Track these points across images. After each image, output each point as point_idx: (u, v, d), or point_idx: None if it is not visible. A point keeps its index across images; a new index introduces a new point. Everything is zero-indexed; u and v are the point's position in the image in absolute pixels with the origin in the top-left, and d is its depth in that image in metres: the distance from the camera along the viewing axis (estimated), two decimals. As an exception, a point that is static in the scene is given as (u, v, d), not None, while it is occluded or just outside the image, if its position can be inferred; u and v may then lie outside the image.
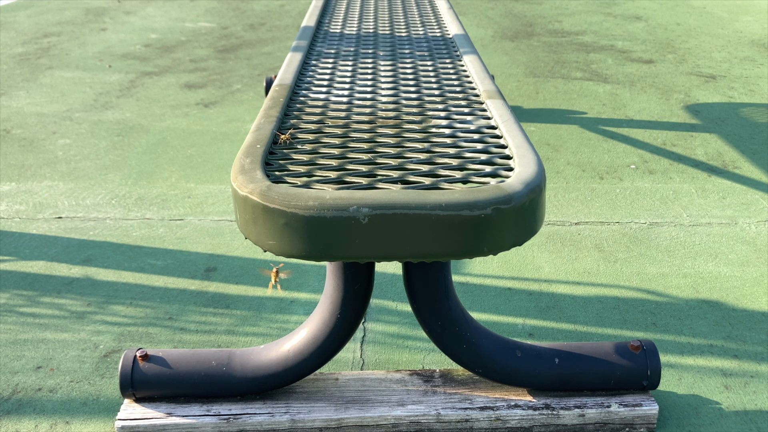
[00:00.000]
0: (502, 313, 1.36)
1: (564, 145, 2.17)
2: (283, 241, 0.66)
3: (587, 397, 1.06)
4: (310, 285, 1.45)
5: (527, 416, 1.03)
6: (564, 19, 3.78)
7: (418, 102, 0.95)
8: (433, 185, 0.69)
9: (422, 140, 0.81)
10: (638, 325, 1.33)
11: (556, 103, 2.53)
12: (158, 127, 2.32)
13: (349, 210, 0.64)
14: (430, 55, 1.19)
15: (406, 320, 1.34)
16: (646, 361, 1.05)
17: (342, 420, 1.03)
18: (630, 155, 2.10)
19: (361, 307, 1.00)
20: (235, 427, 1.02)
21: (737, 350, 1.27)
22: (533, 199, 0.69)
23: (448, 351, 1.04)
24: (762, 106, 2.53)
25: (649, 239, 1.63)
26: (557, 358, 1.06)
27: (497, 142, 0.81)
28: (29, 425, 1.09)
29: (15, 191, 1.86)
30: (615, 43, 3.32)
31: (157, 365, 1.03)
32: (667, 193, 1.86)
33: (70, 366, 1.21)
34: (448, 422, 1.04)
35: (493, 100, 0.95)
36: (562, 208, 1.77)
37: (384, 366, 1.21)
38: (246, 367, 1.04)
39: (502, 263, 1.53)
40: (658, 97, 2.61)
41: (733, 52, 3.17)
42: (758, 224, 1.70)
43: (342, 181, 0.70)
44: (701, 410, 1.12)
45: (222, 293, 1.42)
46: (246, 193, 0.67)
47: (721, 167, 2.03)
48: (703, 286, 1.45)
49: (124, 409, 1.04)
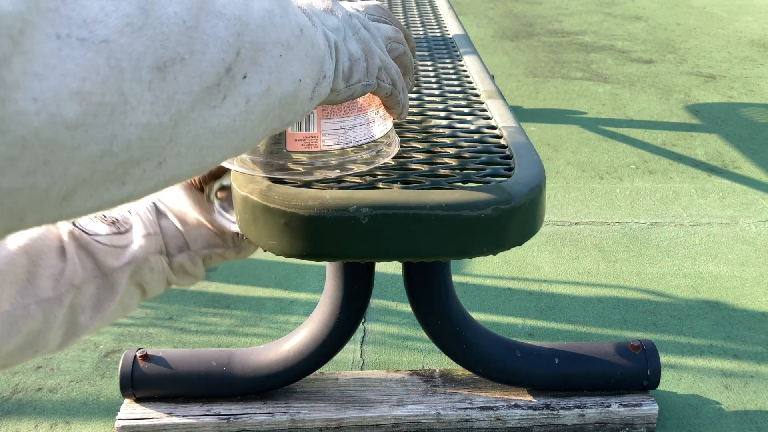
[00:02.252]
0: (502, 313, 1.36)
1: (564, 145, 2.17)
2: (283, 241, 0.66)
3: (587, 397, 1.06)
4: (310, 285, 1.45)
5: (527, 416, 1.04)
6: (564, 19, 3.78)
7: (418, 102, 0.95)
8: (433, 185, 0.69)
9: (422, 140, 0.81)
10: (638, 325, 1.33)
11: (556, 103, 2.53)
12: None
13: (349, 210, 0.64)
14: (430, 55, 1.19)
15: (406, 320, 1.34)
16: (646, 361, 1.05)
17: (342, 420, 1.03)
18: (630, 155, 2.10)
19: (361, 307, 1.00)
20: (235, 427, 1.02)
21: (737, 350, 1.27)
22: (533, 199, 0.69)
23: (448, 351, 1.04)
24: (762, 106, 2.53)
25: (649, 239, 1.63)
26: (557, 358, 1.06)
27: (497, 142, 0.81)
28: (29, 425, 1.09)
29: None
30: (615, 43, 3.32)
31: (157, 365, 1.03)
32: (667, 193, 1.86)
33: (70, 366, 1.21)
34: (448, 422, 1.04)
35: (493, 100, 0.95)
36: (562, 208, 1.77)
37: (384, 366, 1.21)
38: (246, 367, 1.04)
39: (502, 263, 1.53)
40: (658, 97, 2.61)
41: (733, 52, 3.18)
42: (758, 224, 1.71)
43: (342, 181, 0.70)
44: (701, 410, 1.13)
45: (222, 293, 1.42)
46: (246, 193, 0.67)
47: (721, 167, 2.03)
48: (703, 286, 1.45)
49: (124, 409, 1.04)
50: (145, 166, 0.36)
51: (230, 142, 0.42)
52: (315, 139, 0.64)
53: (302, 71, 0.47)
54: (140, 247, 0.70)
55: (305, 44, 0.47)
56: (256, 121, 0.43)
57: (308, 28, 0.49)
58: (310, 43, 0.49)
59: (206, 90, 0.38)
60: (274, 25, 0.43)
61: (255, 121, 0.43)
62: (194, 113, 0.37)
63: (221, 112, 0.40)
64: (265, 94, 0.43)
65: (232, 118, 0.41)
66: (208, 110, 0.38)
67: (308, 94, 0.50)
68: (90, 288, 0.66)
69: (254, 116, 0.43)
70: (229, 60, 0.39)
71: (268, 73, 0.43)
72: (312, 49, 0.49)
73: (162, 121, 0.35)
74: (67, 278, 0.64)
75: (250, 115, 0.42)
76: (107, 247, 0.68)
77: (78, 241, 0.67)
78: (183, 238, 0.74)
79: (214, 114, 0.39)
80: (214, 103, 0.39)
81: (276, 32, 0.43)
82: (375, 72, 0.59)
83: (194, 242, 0.75)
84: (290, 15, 0.46)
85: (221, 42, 0.38)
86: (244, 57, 0.40)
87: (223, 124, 0.40)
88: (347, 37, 0.56)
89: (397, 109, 0.65)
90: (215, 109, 0.39)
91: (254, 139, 0.45)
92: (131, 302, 0.72)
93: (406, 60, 0.66)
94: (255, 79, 0.42)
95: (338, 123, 0.64)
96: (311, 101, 0.51)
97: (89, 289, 0.66)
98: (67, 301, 0.64)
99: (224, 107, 0.40)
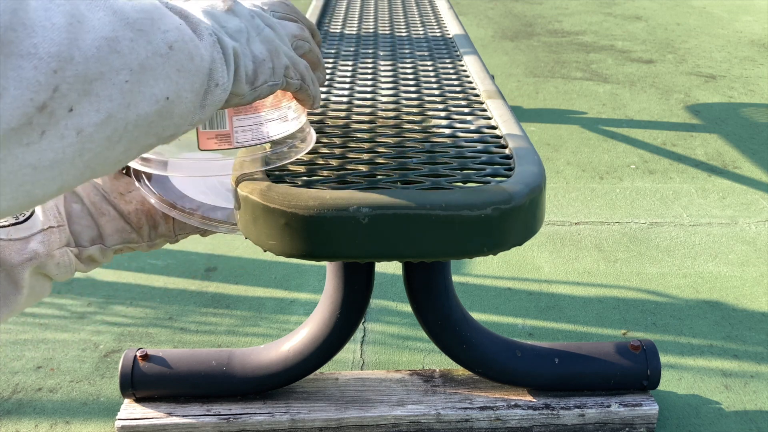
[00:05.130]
0: (502, 313, 1.36)
1: (564, 145, 2.17)
2: (283, 241, 0.66)
3: (587, 397, 1.06)
4: (310, 285, 1.45)
5: (527, 416, 1.03)
6: (564, 19, 3.78)
7: (418, 102, 0.95)
8: (433, 185, 0.69)
9: (422, 140, 0.81)
10: (638, 325, 1.33)
11: (556, 103, 2.53)
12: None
13: (349, 210, 0.64)
14: (430, 55, 1.19)
15: (406, 320, 1.34)
16: (646, 361, 1.05)
17: (342, 420, 1.03)
18: (630, 155, 2.10)
19: (361, 307, 1.00)
20: (235, 426, 1.02)
21: (737, 350, 1.27)
22: (533, 199, 0.69)
23: (448, 351, 1.04)
24: (762, 106, 2.53)
25: (649, 239, 1.63)
26: (557, 358, 1.06)
27: (497, 142, 0.81)
28: (29, 425, 1.09)
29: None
30: (615, 43, 3.32)
31: (157, 365, 1.03)
32: (667, 193, 1.86)
33: (70, 366, 1.21)
34: (448, 422, 1.04)
35: (493, 100, 0.95)
36: (562, 208, 1.77)
37: (384, 366, 1.21)
38: (246, 367, 1.04)
39: (502, 263, 1.53)
40: (658, 97, 2.61)
41: (733, 52, 3.18)
42: (758, 224, 1.71)
43: (342, 181, 0.70)
44: (701, 410, 1.12)
45: (222, 293, 1.42)
46: (246, 193, 0.67)
47: (721, 167, 2.03)
48: (703, 286, 1.45)
49: (124, 409, 1.04)
50: None
51: (65, 172, 0.41)
52: (228, 136, 0.64)
53: (171, 88, 0.46)
54: (42, 243, 0.68)
55: (176, 60, 0.46)
56: (102, 148, 0.43)
57: (182, 42, 0.47)
58: (186, 56, 0.47)
59: (12, 131, 0.37)
60: (117, 52, 0.42)
61: (98, 149, 0.42)
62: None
63: (41, 147, 0.39)
64: (106, 121, 0.42)
65: (58, 151, 0.40)
66: (19, 148, 0.38)
67: (189, 107, 0.49)
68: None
69: (94, 144, 0.42)
70: (41, 98, 0.38)
71: (109, 100, 0.42)
72: (189, 63, 0.48)
73: None
74: None
75: (88, 144, 0.42)
76: (4, 241, 0.66)
77: None
78: (97, 231, 0.73)
79: (29, 150, 0.39)
80: (27, 140, 0.38)
81: (120, 59, 0.42)
82: (281, 71, 0.59)
83: (109, 237, 0.73)
84: (150, 35, 0.45)
85: (27, 83, 0.37)
86: (67, 91, 0.39)
87: (46, 158, 0.40)
88: (251, 38, 0.56)
89: (308, 101, 0.67)
90: (30, 146, 0.38)
91: (109, 162, 0.45)
92: (42, 290, 0.70)
93: (312, 56, 0.67)
94: (88, 109, 0.41)
95: (250, 119, 0.65)
96: (202, 110, 0.51)
97: None
98: None
99: (44, 142, 0.39)
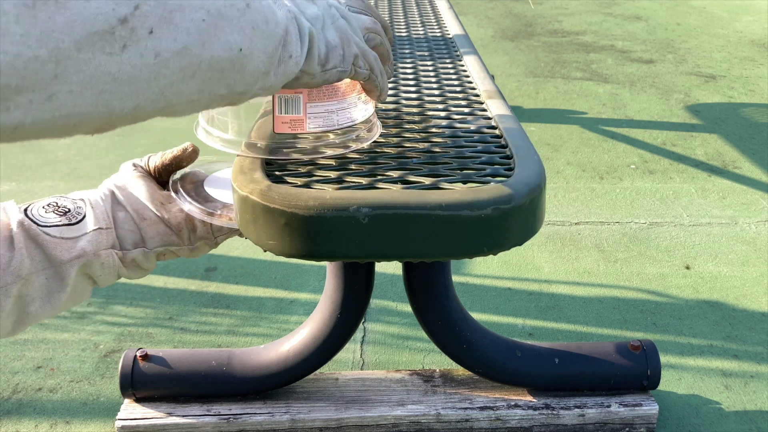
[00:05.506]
0: (502, 313, 1.36)
1: (564, 145, 2.17)
2: (283, 241, 0.66)
3: (587, 397, 1.06)
4: (310, 285, 1.45)
5: (527, 416, 1.03)
6: (564, 19, 3.78)
7: (418, 102, 0.95)
8: (433, 185, 0.69)
9: (422, 140, 0.81)
10: (638, 325, 1.33)
11: (556, 103, 2.53)
12: (159, 127, 2.32)
13: (349, 210, 0.64)
14: (430, 55, 1.19)
15: (406, 320, 1.34)
16: (646, 361, 1.05)
17: (342, 420, 1.03)
18: (630, 155, 2.10)
19: (361, 307, 1.00)
20: (235, 426, 1.02)
21: (737, 350, 1.27)
22: (533, 199, 0.69)
23: (448, 351, 1.04)
24: (762, 106, 2.53)
25: (649, 239, 1.63)
26: (557, 358, 1.06)
27: (497, 142, 0.81)
28: (29, 425, 1.09)
29: (15, 191, 1.86)
30: (615, 43, 3.32)
31: (158, 365, 1.03)
32: (667, 193, 1.86)
33: (70, 366, 1.21)
34: (448, 422, 1.04)
35: (493, 100, 0.95)
36: (562, 208, 1.77)
37: (384, 366, 1.21)
38: (246, 367, 1.04)
39: (502, 263, 1.53)
40: (658, 97, 2.61)
41: (733, 52, 3.18)
42: (758, 224, 1.71)
43: (342, 181, 0.70)
44: (701, 410, 1.12)
45: (222, 293, 1.42)
46: (246, 193, 0.67)
47: (721, 167, 2.03)
48: (703, 286, 1.45)
49: (124, 409, 1.04)
50: (30, 97, 0.38)
51: (141, 91, 0.44)
52: (301, 121, 0.68)
53: (245, 42, 0.50)
54: (90, 242, 0.70)
55: (251, 18, 0.50)
56: (176, 78, 0.46)
57: (260, 5, 0.51)
58: (262, 18, 0.51)
59: (94, 35, 0.40)
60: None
61: (173, 77, 0.45)
62: (82, 55, 0.40)
63: (122, 59, 0.42)
64: (182, 52, 0.45)
65: (136, 68, 0.43)
66: (102, 55, 0.41)
67: (262, 68, 0.53)
68: (39, 279, 0.67)
69: (169, 71, 0.45)
70: (122, 11, 0.41)
71: (186, 33, 0.45)
72: (264, 25, 0.52)
73: (38, 55, 0.37)
74: (14, 269, 0.65)
75: (164, 69, 0.45)
76: (56, 239, 0.68)
77: (27, 232, 0.67)
78: (139, 234, 0.74)
79: (111, 60, 0.41)
80: (109, 50, 0.41)
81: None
82: (351, 59, 0.63)
83: (151, 240, 0.75)
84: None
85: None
86: (148, 12, 0.42)
87: (125, 72, 0.42)
88: (326, 25, 0.60)
89: (375, 92, 0.71)
90: (112, 56, 0.41)
91: (183, 97, 0.48)
92: (83, 293, 0.72)
93: (383, 49, 0.70)
94: (167, 36, 0.44)
95: (323, 107, 0.68)
96: (275, 77, 0.55)
97: (38, 279, 0.67)
98: (14, 292, 0.65)
99: (125, 56, 0.42)
